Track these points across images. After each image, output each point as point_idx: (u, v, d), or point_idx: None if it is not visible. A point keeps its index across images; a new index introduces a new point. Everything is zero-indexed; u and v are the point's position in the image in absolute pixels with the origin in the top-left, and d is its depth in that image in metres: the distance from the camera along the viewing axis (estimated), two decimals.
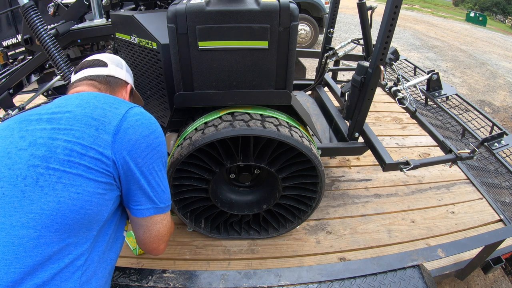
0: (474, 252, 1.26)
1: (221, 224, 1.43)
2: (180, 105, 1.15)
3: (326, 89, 2.20)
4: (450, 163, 1.59)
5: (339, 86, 2.09)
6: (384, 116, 2.63)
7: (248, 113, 1.15)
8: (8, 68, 1.88)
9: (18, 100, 1.89)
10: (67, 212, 0.64)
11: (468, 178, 1.95)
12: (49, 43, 1.38)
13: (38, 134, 0.67)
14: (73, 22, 1.65)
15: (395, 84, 1.70)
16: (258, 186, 1.41)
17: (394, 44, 6.83)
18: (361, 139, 1.62)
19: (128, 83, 0.97)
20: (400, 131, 2.43)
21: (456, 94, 2.20)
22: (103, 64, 0.92)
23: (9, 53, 2.82)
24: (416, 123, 2.03)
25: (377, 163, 1.55)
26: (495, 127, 1.95)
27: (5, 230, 0.60)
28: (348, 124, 1.65)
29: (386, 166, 1.46)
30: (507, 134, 1.68)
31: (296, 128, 1.19)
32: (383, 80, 1.35)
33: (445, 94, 2.09)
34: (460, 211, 1.71)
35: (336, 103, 2.00)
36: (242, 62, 1.06)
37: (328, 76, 2.25)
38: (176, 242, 1.46)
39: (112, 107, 0.75)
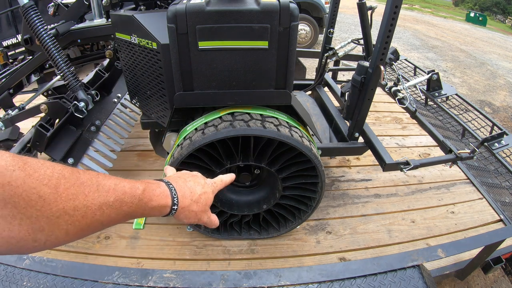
0: (474, 252, 1.26)
1: (221, 224, 1.43)
2: (180, 105, 1.15)
3: (326, 89, 2.20)
4: (450, 163, 1.59)
5: (339, 86, 2.08)
6: (384, 116, 2.62)
7: (248, 113, 1.15)
8: (8, 68, 1.88)
9: (18, 100, 1.89)
10: None
11: (468, 178, 1.94)
12: (49, 43, 1.37)
13: None
14: (73, 22, 1.65)
15: (395, 84, 1.70)
16: (258, 186, 1.41)
17: (394, 44, 6.82)
18: (361, 139, 1.62)
19: None
20: (400, 131, 2.43)
21: (456, 94, 2.21)
22: None
23: (9, 53, 2.83)
24: (416, 123, 2.03)
25: (377, 163, 1.55)
26: (495, 127, 1.95)
27: None
28: (348, 124, 1.65)
29: (386, 166, 1.46)
30: (507, 134, 1.68)
31: (296, 128, 1.19)
32: (383, 80, 1.35)
33: (445, 94, 2.09)
34: (460, 211, 1.71)
35: (336, 103, 2.00)
36: (242, 62, 1.06)
37: (328, 76, 2.25)
38: (176, 242, 1.46)
39: None
